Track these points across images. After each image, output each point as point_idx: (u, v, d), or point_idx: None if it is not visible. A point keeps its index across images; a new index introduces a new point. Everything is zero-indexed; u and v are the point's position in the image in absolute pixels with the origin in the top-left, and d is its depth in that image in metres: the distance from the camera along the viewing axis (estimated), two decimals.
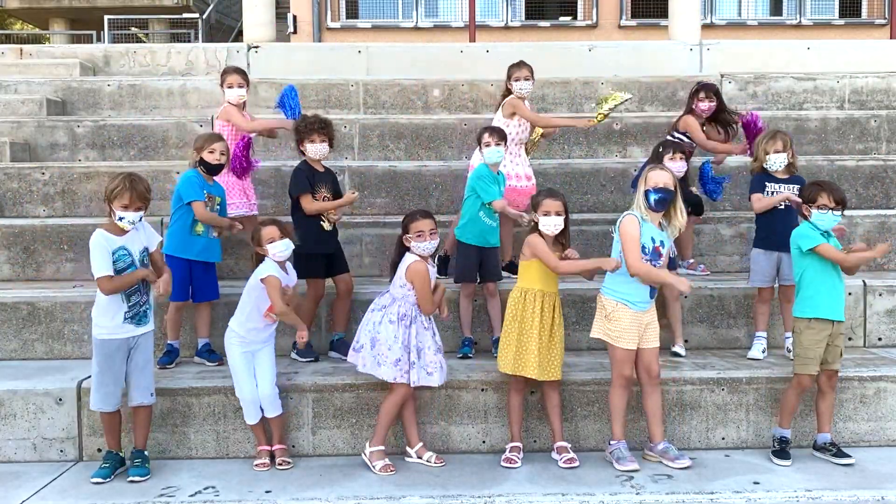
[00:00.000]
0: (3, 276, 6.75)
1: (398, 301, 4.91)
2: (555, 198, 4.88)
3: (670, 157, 5.89)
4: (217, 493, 4.54)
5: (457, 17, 15.36)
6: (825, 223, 4.87)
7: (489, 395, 5.16)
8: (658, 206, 4.77)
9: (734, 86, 9.61)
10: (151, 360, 4.83)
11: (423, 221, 4.87)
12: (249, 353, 4.95)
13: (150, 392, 4.80)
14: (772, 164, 5.59)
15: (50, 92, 9.58)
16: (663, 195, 4.74)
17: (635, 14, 15.36)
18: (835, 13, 15.58)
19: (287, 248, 4.96)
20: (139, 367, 4.73)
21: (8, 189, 7.57)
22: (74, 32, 24.38)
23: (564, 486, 4.57)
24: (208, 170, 5.65)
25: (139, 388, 4.74)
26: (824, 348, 4.83)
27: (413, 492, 4.52)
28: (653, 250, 4.78)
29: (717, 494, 4.47)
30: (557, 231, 4.85)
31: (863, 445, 5.18)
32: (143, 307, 4.72)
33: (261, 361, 4.96)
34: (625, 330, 4.79)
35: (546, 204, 4.84)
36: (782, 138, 5.62)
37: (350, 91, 9.65)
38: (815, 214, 4.88)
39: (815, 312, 4.83)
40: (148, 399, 4.78)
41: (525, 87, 6.68)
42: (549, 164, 7.81)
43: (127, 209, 4.57)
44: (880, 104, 9.55)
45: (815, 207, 4.88)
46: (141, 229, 4.75)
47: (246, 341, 4.94)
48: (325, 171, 5.89)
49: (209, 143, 5.64)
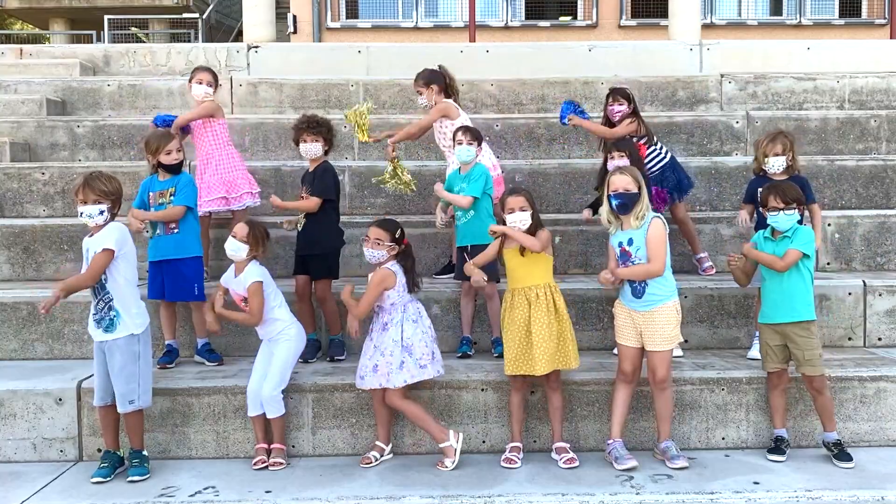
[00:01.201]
0: (3, 276, 6.75)
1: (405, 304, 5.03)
2: (516, 194, 4.94)
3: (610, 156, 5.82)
4: (217, 493, 4.54)
5: (457, 17, 15.35)
6: (779, 224, 4.91)
7: (489, 395, 5.16)
8: (620, 210, 4.83)
9: (734, 86, 9.60)
10: (129, 368, 4.66)
11: (371, 229, 5.02)
12: (266, 341, 5.06)
13: (129, 399, 4.66)
14: (770, 167, 5.59)
15: (50, 92, 9.57)
16: (623, 200, 4.80)
17: (635, 14, 15.35)
18: (835, 13, 15.56)
19: (236, 250, 5.01)
20: (114, 374, 4.67)
21: (8, 189, 7.58)
22: (74, 32, 24.36)
23: (564, 486, 4.57)
24: (167, 169, 5.58)
25: (117, 394, 4.70)
26: (779, 347, 4.95)
27: (413, 492, 4.52)
28: (621, 253, 4.87)
29: (717, 494, 4.47)
30: (525, 226, 4.89)
31: (863, 445, 5.17)
32: (104, 313, 4.66)
33: (276, 356, 4.99)
34: (620, 325, 4.93)
35: (509, 201, 4.93)
36: (782, 141, 5.60)
37: (350, 91, 9.65)
38: (769, 217, 4.96)
39: (760, 317, 5.08)
40: (125, 407, 4.68)
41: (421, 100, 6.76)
42: (549, 164, 7.81)
43: (85, 203, 4.64)
44: (880, 104, 9.54)
45: (767, 211, 4.96)
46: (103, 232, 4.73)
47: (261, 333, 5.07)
48: (309, 172, 5.93)
49: (164, 145, 5.55)
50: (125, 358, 4.66)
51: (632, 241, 4.82)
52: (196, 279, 5.58)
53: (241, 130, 8.32)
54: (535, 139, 8.54)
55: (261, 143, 8.32)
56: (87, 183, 4.64)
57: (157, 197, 5.57)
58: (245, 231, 5.02)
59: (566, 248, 6.76)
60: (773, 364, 4.98)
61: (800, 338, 4.88)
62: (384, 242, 4.94)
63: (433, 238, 6.81)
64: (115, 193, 4.72)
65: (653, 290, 4.80)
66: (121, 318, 4.66)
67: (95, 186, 4.63)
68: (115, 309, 4.66)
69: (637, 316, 4.84)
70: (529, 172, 7.64)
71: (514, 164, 7.73)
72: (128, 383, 4.67)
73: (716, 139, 8.53)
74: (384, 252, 4.95)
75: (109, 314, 4.66)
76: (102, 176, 4.71)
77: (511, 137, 8.47)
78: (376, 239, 4.94)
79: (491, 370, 5.26)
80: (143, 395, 4.73)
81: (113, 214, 4.73)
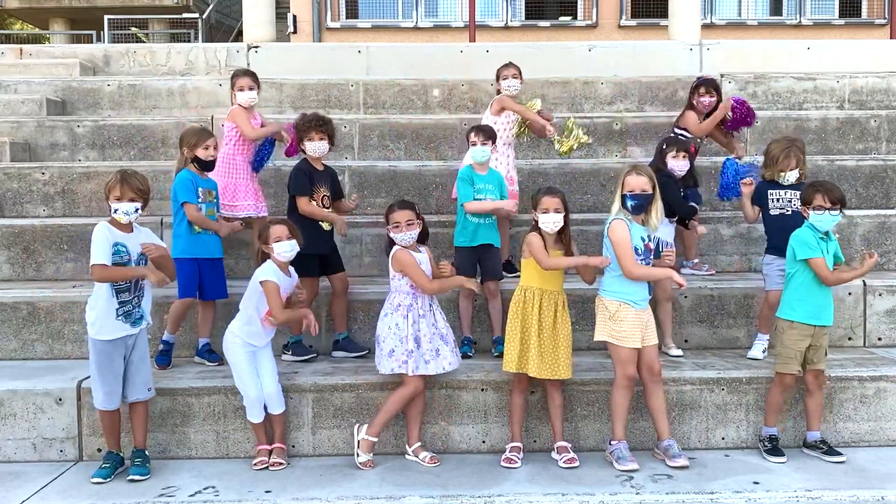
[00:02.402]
0: (3, 276, 6.75)
1: (393, 293, 5.01)
2: (553, 195, 4.88)
3: (673, 156, 5.86)
4: (217, 493, 4.54)
5: (457, 17, 15.36)
6: (823, 224, 4.90)
7: (489, 395, 5.16)
8: (635, 211, 4.82)
9: (734, 86, 9.60)
10: (148, 355, 4.87)
11: (399, 213, 4.94)
12: (251, 352, 4.96)
13: (148, 387, 4.82)
14: (783, 180, 5.59)
15: (50, 92, 9.57)
16: (639, 201, 4.79)
17: (635, 14, 15.36)
18: (835, 13, 15.57)
19: (292, 249, 4.97)
20: (135, 365, 4.75)
21: (8, 189, 7.58)
22: (74, 32, 24.35)
23: (564, 486, 4.57)
24: (202, 166, 5.62)
25: (136, 384, 4.75)
26: (806, 348, 4.91)
27: (413, 492, 4.52)
28: (644, 249, 4.83)
29: (717, 494, 4.47)
30: (557, 228, 4.85)
31: (863, 445, 5.18)
32: (135, 307, 4.72)
33: (262, 360, 4.98)
34: (629, 330, 4.81)
35: (544, 201, 4.85)
36: (796, 155, 5.56)
37: (350, 91, 9.65)
38: (812, 216, 4.92)
39: (798, 317, 4.94)
40: (145, 394, 4.80)
41: (513, 84, 6.74)
42: (549, 164, 7.82)
43: (120, 200, 4.63)
44: (880, 104, 9.54)
45: (811, 209, 4.93)
46: (144, 234, 4.79)
47: (247, 346, 4.95)
48: (325, 170, 5.89)
49: (203, 140, 5.59)
50: (146, 347, 4.86)
51: (657, 239, 4.84)
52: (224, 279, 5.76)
53: None
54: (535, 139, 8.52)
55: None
56: (125, 180, 4.65)
57: (205, 194, 5.60)
58: (287, 230, 4.99)
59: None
60: (795, 366, 4.93)
61: (824, 335, 4.94)
62: (414, 221, 4.97)
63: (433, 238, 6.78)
64: (148, 192, 4.78)
65: None
66: (144, 312, 4.79)
67: (133, 184, 4.66)
68: (143, 304, 4.78)
69: (642, 314, 4.85)
70: (529, 172, 7.64)
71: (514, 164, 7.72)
72: (147, 371, 4.86)
73: None
74: (416, 231, 4.98)
75: (138, 310, 4.74)
76: (137, 175, 4.75)
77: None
78: (408, 221, 4.93)
79: (491, 370, 5.26)
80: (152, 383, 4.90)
81: None
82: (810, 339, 4.90)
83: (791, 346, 4.92)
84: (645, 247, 4.83)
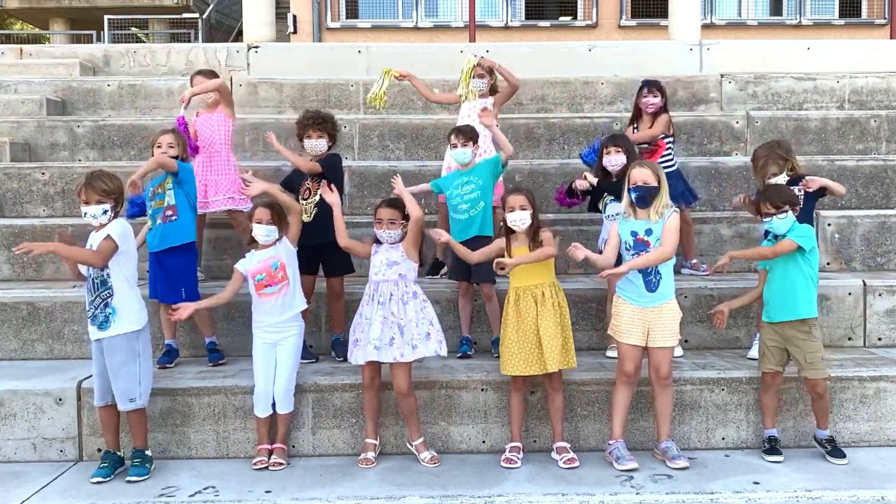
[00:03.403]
0: (3, 276, 6.75)
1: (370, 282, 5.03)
2: (517, 193, 4.94)
3: (606, 151, 5.74)
4: (217, 493, 4.54)
5: (457, 17, 15.35)
6: (775, 228, 4.93)
7: (489, 395, 5.16)
8: (639, 202, 4.83)
9: (734, 86, 9.60)
10: (128, 366, 4.65)
11: (383, 210, 4.98)
12: (270, 344, 4.98)
13: (130, 398, 4.66)
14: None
15: (50, 92, 9.58)
16: (641, 192, 4.80)
17: (635, 14, 15.35)
18: (835, 13, 15.56)
19: (269, 234, 4.98)
20: (113, 372, 4.66)
21: (8, 189, 7.58)
22: (74, 32, 24.36)
23: (564, 486, 4.57)
24: None
25: (117, 392, 4.68)
26: (779, 350, 4.94)
27: (413, 492, 4.52)
28: (636, 242, 4.83)
29: (717, 494, 4.47)
30: (524, 226, 4.88)
31: (863, 445, 5.18)
32: (98, 309, 4.65)
33: (281, 355, 4.98)
34: (625, 324, 4.84)
35: (509, 200, 4.92)
36: (775, 162, 5.47)
37: (350, 91, 9.65)
38: (764, 223, 5.00)
39: (763, 316, 5.06)
40: (126, 405, 4.67)
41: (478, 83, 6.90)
42: (548, 165, 7.81)
43: (87, 204, 4.64)
44: (880, 104, 9.54)
45: (762, 218, 4.99)
46: None
47: (261, 331, 4.99)
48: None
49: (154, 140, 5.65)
50: (126, 356, 4.65)
51: (651, 232, 4.81)
52: (183, 280, 5.45)
53: (240, 130, 8.29)
54: (535, 139, 8.55)
55: (261, 143, 8.29)
56: (89, 183, 4.63)
57: (155, 190, 5.56)
58: (268, 214, 4.98)
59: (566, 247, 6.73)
60: (768, 365, 4.98)
61: (801, 340, 4.87)
62: (398, 221, 4.95)
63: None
64: (117, 192, 4.71)
65: (666, 283, 4.83)
66: (116, 314, 4.64)
67: (98, 186, 4.62)
68: (112, 306, 4.63)
69: (647, 312, 4.82)
70: (529, 172, 7.64)
71: (514, 164, 7.71)
72: (128, 381, 4.66)
73: (716, 139, 8.53)
74: (399, 231, 4.96)
75: (105, 311, 4.63)
76: (104, 175, 4.70)
77: (511, 137, 8.32)
78: (390, 220, 4.94)
79: (491, 370, 5.26)
80: (143, 393, 4.73)
81: (116, 213, 4.73)
82: (780, 338, 4.92)
83: (762, 343, 5.05)
84: (636, 240, 4.84)
